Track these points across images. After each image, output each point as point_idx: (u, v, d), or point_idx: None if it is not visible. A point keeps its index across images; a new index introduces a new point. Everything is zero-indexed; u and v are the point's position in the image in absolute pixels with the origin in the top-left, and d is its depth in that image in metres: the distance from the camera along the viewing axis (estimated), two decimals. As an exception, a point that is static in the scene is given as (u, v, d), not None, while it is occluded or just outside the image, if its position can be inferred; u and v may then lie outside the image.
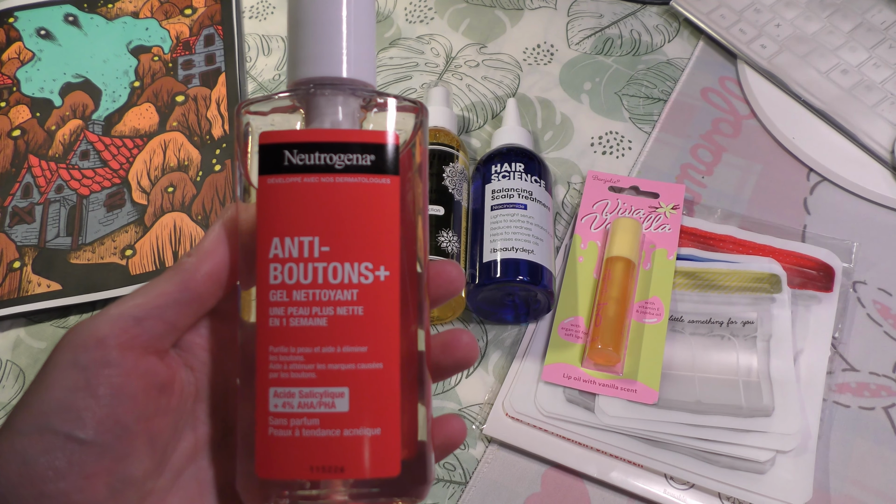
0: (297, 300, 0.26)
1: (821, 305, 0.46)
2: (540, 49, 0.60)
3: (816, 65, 0.56)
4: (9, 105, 0.59)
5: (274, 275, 0.26)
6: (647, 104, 0.56)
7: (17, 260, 0.52)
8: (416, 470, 0.27)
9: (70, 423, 0.24)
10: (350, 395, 0.26)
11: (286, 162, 0.26)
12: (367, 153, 0.27)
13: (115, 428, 0.24)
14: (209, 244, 0.28)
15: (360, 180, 0.26)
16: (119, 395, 0.25)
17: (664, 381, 0.43)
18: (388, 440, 0.26)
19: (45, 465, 0.23)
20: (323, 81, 0.27)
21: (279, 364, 0.26)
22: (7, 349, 0.49)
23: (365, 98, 0.28)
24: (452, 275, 0.30)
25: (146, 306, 0.26)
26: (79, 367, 0.24)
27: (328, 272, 0.26)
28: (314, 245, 0.26)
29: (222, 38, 0.62)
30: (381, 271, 0.26)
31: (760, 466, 0.40)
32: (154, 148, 0.56)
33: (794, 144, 0.53)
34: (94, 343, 0.25)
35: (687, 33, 0.60)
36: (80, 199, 0.54)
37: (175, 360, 0.27)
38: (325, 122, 0.27)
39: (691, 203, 0.51)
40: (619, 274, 0.45)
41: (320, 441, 0.26)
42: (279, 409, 0.26)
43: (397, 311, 0.26)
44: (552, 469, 0.42)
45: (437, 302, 0.30)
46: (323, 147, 0.26)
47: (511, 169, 0.47)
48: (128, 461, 0.25)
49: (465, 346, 0.29)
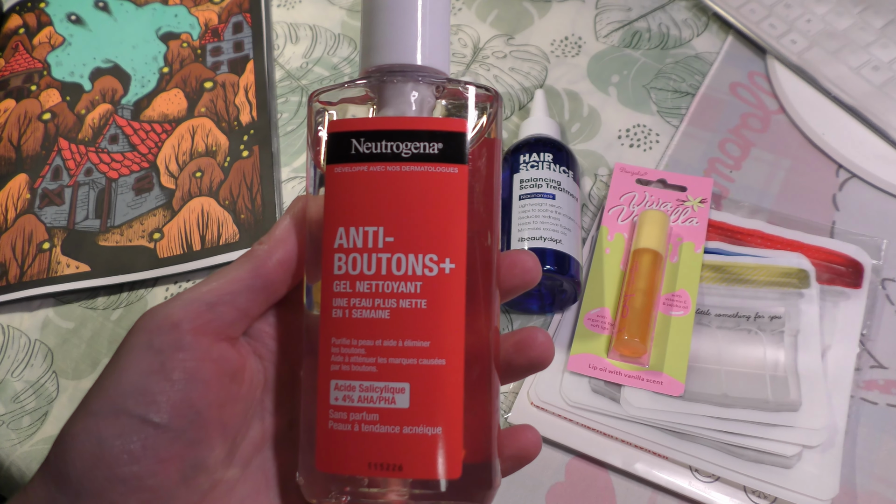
0: (360, 291, 0.25)
1: (849, 302, 0.45)
2: (568, 41, 0.60)
3: (847, 61, 0.55)
4: (39, 89, 0.60)
5: (338, 265, 0.26)
6: (676, 98, 0.56)
7: (46, 241, 0.52)
8: (479, 474, 0.26)
9: (145, 407, 0.24)
10: (411, 391, 0.25)
11: (353, 150, 0.26)
12: (434, 141, 0.26)
13: (189, 413, 0.24)
14: (280, 233, 0.27)
15: (426, 169, 0.26)
16: (193, 379, 0.25)
17: (690, 373, 0.43)
18: (449, 440, 0.25)
19: (119, 448, 0.23)
20: (394, 69, 0.27)
21: (340, 356, 0.25)
22: (36, 329, 0.50)
23: (438, 85, 0.27)
24: (528, 265, 0.28)
25: (219, 291, 0.26)
26: (154, 351, 0.24)
27: (392, 263, 0.25)
28: (378, 235, 0.26)
29: (251, 26, 0.62)
30: (447, 264, 0.26)
31: (787, 461, 0.40)
32: (182, 133, 0.57)
33: (824, 140, 0.53)
34: (168, 326, 0.25)
35: (716, 27, 0.60)
36: (108, 182, 0.55)
37: (245, 348, 0.27)
38: (394, 110, 0.27)
39: (719, 197, 0.51)
40: (647, 266, 0.45)
41: (379, 437, 0.25)
42: (339, 402, 0.25)
43: (462, 305, 0.26)
44: (576, 459, 0.42)
45: (509, 294, 0.29)
46: (390, 135, 0.26)
47: (539, 159, 0.47)
48: (200, 447, 0.25)
49: (540, 346, 0.28)
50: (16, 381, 0.48)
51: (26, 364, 0.48)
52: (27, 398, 0.47)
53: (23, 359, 0.49)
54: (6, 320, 0.50)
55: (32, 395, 0.47)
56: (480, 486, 0.26)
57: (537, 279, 0.28)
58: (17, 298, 0.50)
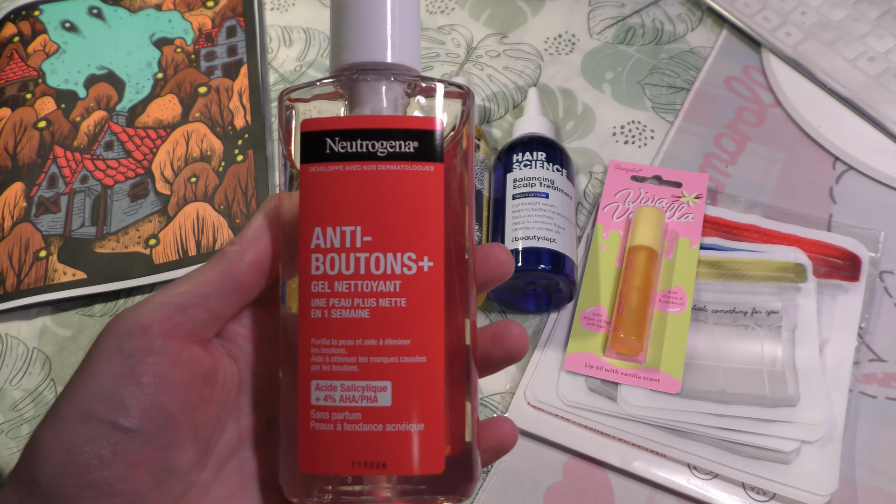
0: (338, 291, 0.26)
1: (847, 295, 0.45)
2: (561, 39, 0.60)
3: (843, 52, 0.55)
4: (34, 97, 0.60)
5: (316, 265, 0.26)
6: (670, 93, 0.56)
7: (43, 249, 0.52)
8: (461, 468, 0.26)
9: (114, 412, 0.24)
10: (393, 389, 0.25)
11: (328, 149, 0.26)
12: (410, 140, 0.26)
13: (160, 417, 0.24)
14: (253, 233, 0.27)
15: (403, 168, 0.26)
16: (163, 383, 0.24)
17: (687, 370, 0.43)
18: (431, 436, 0.25)
19: (89, 454, 0.23)
20: (366, 67, 0.27)
21: (321, 356, 0.26)
22: (34, 337, 0.50)
23: (409, 83, 0.27)
24: (501, 258, 0.29)
25: (189, 294, 0.26)
26: (123, 355, 0.24)
27: (370, 263, 0.26)
28: (356, 235, 0.26)
29: (244, 30, 0.62)
30: (425, 262, 0.26)
31: (785, 457, 0.40)
32: (177, 139, 0.57)
33: (820, 133, 0.52)
34: (138, 330, 0.25)
35: (710, 22, 0.59)
36: (104, 189, 0.55)
37: (218, 350, 0.27)
38: (368, 109, 0.27)
39: (715, 192, 0.50)
40: (642, 263, 0.45)
41: (362, 436, 0.25)
42: (321, 402, 0.25)
43: (441, 302, 0.26)
44: (574, 458, 0.42)
45: (484, 287, 0.29)
46: (365, 134, 0.26)
47: (533, 158, 0.47)
48: (172, 451, 0.25)
49: (515, 338, 0.28)
50: (14, 390, 0.48)
51: (24, 372, 0.49)
52: (26, 406, 0.47)
53: (21, 367, 0.49)
54: (4, 329, 0.51)
55: (31, 404, 0.47)
56: (462, 479, 0.26)
57: (510, 272, 0.29)
58: (15, 307, 0.50)
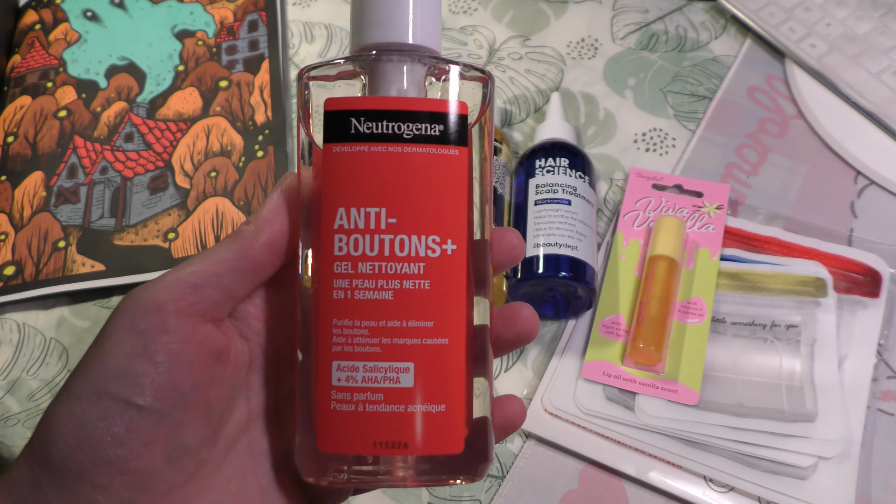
0: (362, 272, 0.26)
1: (867, 311, 0.45)
2: (584, 43, 0.59)
3: (867, 66, 0.55)
4: (55, 86, 0.60)
5: (339, 246, 0.26)
6: (692, 102, 0.56)
7: (62, 239, 0.53)
8: (477, 448, 0.26)
9: (128, 389, 0.24)
10: (415, 370, 0.25)
11: (353, 130, 0.26)
12: (436, 123, 0.26)
13: (173, 395, 0.24)
14: (268, 212, 0.27)
15: (428, 150, 0.26)
16: (177, 361, 0.24)
17: (705, 382, 0.43)
18: (452, 417, 0.26)
19: (103, 431, 0.23)
20: (389, 47, 0.27)
21: (343, 337, 0.26)
22: (51, 327, 0.50)
23: (431, 65, 0.27)
24: (513, 241, 0.29)
25: (204, 273, 0.26)
26: (137, 333, 0.24)
27: (395, 244, 0.26)
28: (381, 216, 0.26)
29: (266, 25, 0.62)
30: (449, 245, 0.26)
31: (802, 472, 0.40)
32: (197, 132, 0.57)
33: (842, 146, 0.52)
34: (152, 309, 0.25)
35: (734, 31, 0.59)
36: (124, 181, 0.55)
37: (230, 329, 0.27)
38: (391, 90, 0.27)
39: (735, 203, 0.50)
40: (662, 273, 0.45)
41: (384, 416, 0.25)
42: (342, 382, 0.26)
43: (464, 285, 0.26)
44: (590, 466, 0.42)
45: (497, 270, 0.29)
46: (391, 115, 0.26)
47: (556, 164, 0.47)
48: (185, 429, 0.25)
49: (525, 320, 0.29)
50: (31, 380, 0.48)
51: (42, 363, 0.49)
52: (42, 396, 0.47)
53: (38, 357, 0.49)
54: (22, 318, 0.51)
55: (48, 394, 0.48)
56: (479, 459, 0.26)
57: (522, 255, 0.30)
58: (33, 297, 0.50)
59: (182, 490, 0.25)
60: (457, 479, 0.26)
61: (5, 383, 0.48)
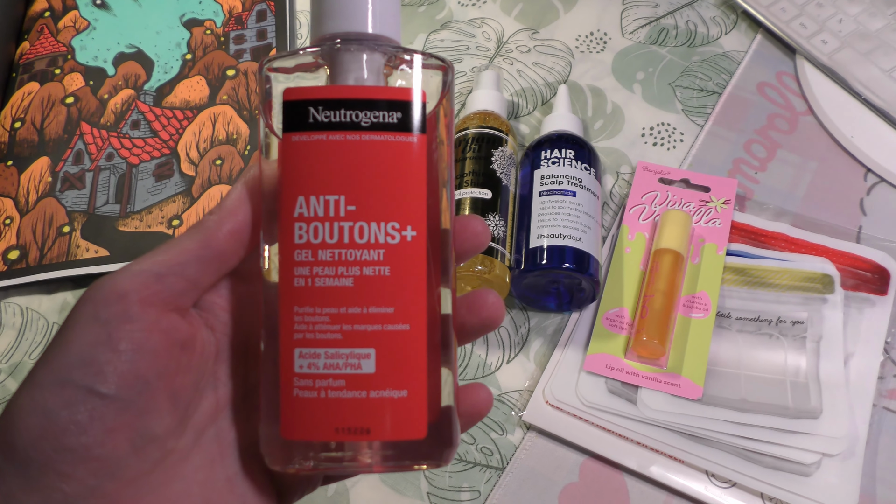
0: (322, 260, 0.26)
1: (874, 309, 0.44)
2: (593, 37, 0.59)
3: (879, 62, 0.54)
4: (63, 72, 0.60)
5: (299, 234, 0.26)
6: (701, 96, 0.55)
7: (66, 224, 0.53)
8: (441, 433, 0.27)
9: (91, 377, 0.24)
10: (376, 356, 0.26)
11: (311, 119, 0.26)
12: (394, 110, 0.26)
13: (137, 383, 0.24)
14: (232, 202, 0.27)
15: (386, 138, 0.26)
16: (140, 350, 0.24)
17: (709, 377, 0.42)
18: (414, 402, 0.26)
19: (66, 419, 0.23)
20: (348, 37, 0.27)
21: (304, 325, 0.26)
22: (55, 311, 0.50)
23: (390, 55, 0.27)
24: (477, 229, 0.29)
25: (167, 263, 0.26)
26: (100, 322, 0.24)
27: (354, 231, 0.26)
28: (340, 204, 0.26)
29: (274, 14, 0.62)
30: (408, 231, 0.26)
31: (805, 469, 0.40)
32: (203, 120, 0.57)
33: (852, 143, 0.52)
34: (115, 298, 0.25)
35: (745, 26, 0.59)
36: (129, 167, 0.55)
37: (196, 320, 0.27)
38: (351, 79, 0.27)
39: (743, 199, 0.50)
40: (667, 266, 0.45)
41: (346, 402, 0.25)
42: (304, 370, 0.26)
43: (424, 271, 0.26)
44: (590, 459, 0.42)
45: (462, 258, 0.29)
46: (349, 104, 0.26)
47: (561, 155, 0.47)
48: (149, 417, 0.25)
49: (490, 306, 0.29)
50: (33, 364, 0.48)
51: (44, 347, 0.49)
52: (44, 381, 0.47)
53: (41, 341, 0.49)
54: (25, 302, 0.51)
55: (49, 378, 0.47)
56: (443, 444, 0.26)
57: (486, 243, 0.30)
58: (37, 281, 0.50)
59: (148, 478, 0.25)
60: (422, 465, 0.26)
61: (7, 367, 0.48)
